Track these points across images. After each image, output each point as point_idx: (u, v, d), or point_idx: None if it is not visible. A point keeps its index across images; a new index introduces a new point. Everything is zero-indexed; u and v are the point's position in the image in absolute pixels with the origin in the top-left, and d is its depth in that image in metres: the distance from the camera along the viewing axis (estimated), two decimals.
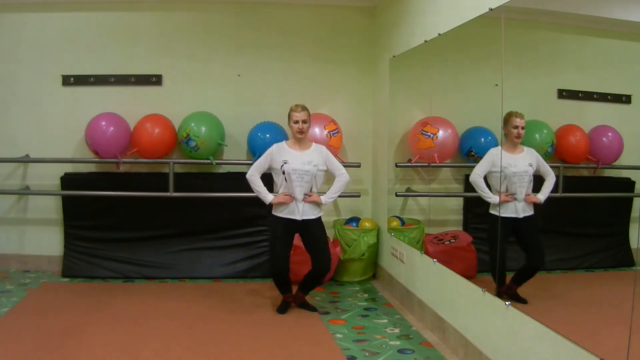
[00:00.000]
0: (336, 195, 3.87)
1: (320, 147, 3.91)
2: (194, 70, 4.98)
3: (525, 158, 2.97)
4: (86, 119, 4.63)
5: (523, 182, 2.97)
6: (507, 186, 3.00)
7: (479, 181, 3.18)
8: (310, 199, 3.77)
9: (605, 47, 2.72)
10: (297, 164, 3.74)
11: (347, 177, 3.88)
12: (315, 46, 5.08)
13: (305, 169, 3.74)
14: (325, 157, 3.85)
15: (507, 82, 2.80)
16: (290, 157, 3.76)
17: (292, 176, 3.73)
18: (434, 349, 3.36)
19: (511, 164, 2.96)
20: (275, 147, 3.84)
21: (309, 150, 3.83)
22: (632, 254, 2.54)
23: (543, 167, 2.95)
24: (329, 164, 3.86)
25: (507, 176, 2.97)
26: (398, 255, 4.35)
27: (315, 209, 3.84)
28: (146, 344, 3.31)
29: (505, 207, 3.01)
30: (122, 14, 4.91)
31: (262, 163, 3.83)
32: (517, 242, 3.06)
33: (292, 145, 3.84)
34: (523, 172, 2.96)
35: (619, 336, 2.00)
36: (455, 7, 3.37)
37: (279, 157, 3.77)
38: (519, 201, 2.98)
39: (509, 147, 3.00)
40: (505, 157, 2.95)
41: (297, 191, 3.75)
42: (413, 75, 4.39)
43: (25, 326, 3.56)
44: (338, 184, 3.87)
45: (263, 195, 3.82)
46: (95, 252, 4.83)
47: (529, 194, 2.97)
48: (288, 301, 3.99)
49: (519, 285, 2.89)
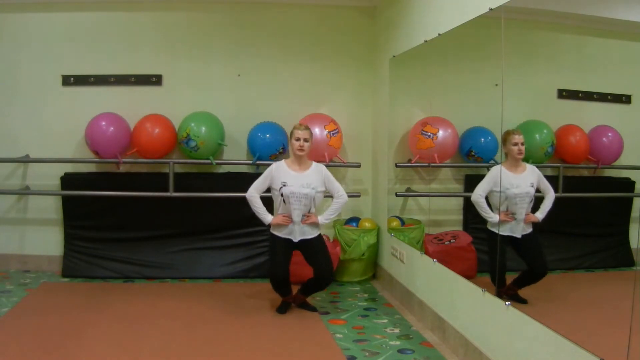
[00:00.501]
0: (333, 216, 3.89)
1: (320, 166, 3.90)
2: (194, 70, 4.98)
3: (527, 178, 2.96)
4: (86, 119, 4.63)
5: (524, 204, 2.96)
6: (508, 206, 2.99)
7: (480, 201, 3.18)
8: (308, 221, 3.78)
9: (605, 47, 2.72)
10: (296, 186, 3.74)
11: (346, 198, 3.89)
12: (315, 46, 5.08)
13: (304, 193, 3.74)
14: (324, 177, 3.85)
15: (507, 82, 2.80)
16: (289, 179, 3.76)
17: (290, 199, 3.74)
18: (434, 349, 3.36)
19: (513, 184, 2.95)
20: (274, 166, 3.84)
21: (308, 171, 3.82)
22: (632, 254, 2.54)
23: (544, 185, 2.94)
24: (328, 185, 3.86)
25: (508, 197, 2.96)
26: (398, 255, 4.35)
27: (314, 228, 3.86)
28: (146, 344, 3.31)
29: (504, 226, 3.00)
30: (122, 14, 4.91)
31: (261, 183, 3.85)
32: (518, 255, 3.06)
33: (291, 164, 3.83)
34: (524, 194, 2.95)
35: (619, 336, 2.00)
36: (455, 7, 3.37)
37: (278, 178, 3.78)
38: (518, 222, 2.97)
39: (510, 166, 2.99)
40: (507, 177, 2.95)
41: (295, 214, 3.76)
42: (413, 75, 4.39)
43: (25, 326, 3.56)
44: (336, 205, 3.88)
45: (262, 216, 3.84)
46: (95, 252, 4.83)
47: (529, 214, 2.96)
48: (288, 301, 3.99)
49: (519, 288, 2.89)
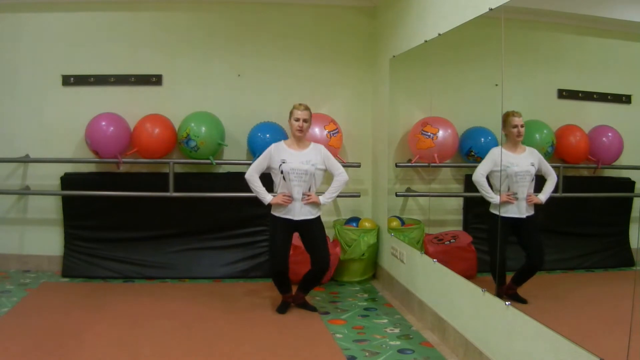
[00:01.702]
0: (335, 195, 3.87)
1: (319, 146, 3.91)
2: (194, 70, 4.98)
3: (528, 157, 2.97)
4: (86, 119, 4.63)
5: (525, 182, 2.96)
6: (509, 185, 3.00)
7: (481, 180, 3.18)
8: (309, 200, 3.77)
9: (605, 47, 2.72)
10: (296, 163, 3.74)
11: (346, 176, 3.87)
12: (315, 46, 5.08)
13: (304, 169, 3.74)
14: (323, 156, 3.84)
15: (507, 82, 2.80)
16: (288, 157, 3.76)
17: (290, 175, 3.73)
18: (434, 349, 3.36)
19: (513, 163, 2.96)
20: (273, 146, 3.84)
21: (308, 149, 3.83)
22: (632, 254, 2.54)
23: (545, 167, 2.94)
24: (327, 163, 3.85)
25: (509, 175, 2.97)
26: (398, 255, 4.35)
27: (314, 208, 3.84)
28: (146, 344, 3.31)
29: (505, 207, 3.01)
30: (122, 14, 4.91)
31: (260, 163, 3.83)
32: (518, 241, 3.06)
33: (291, 144, 3.84)
34: (525, 172, 2.95)
35: (619, 336, 2.00)
36: (455, 7, 3.37)
37: (277, 157, 3.77)
38: (520, 201, 2.98)
39: (510, 147, 3.00)
40: (507, 157, 2.95)
41: (296, 191, 3.75)
42: (413, 75, 4.39)
43: (25, 326, 3.56)
44: (337, 183, 3.86)
45: (262, 196, 3.83)
46: (95, 252, 4.83)
47: (531, 195, 2.97)
48: (288, 301, 3.99)
49: (519, 286, 2.89)
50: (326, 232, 3.98)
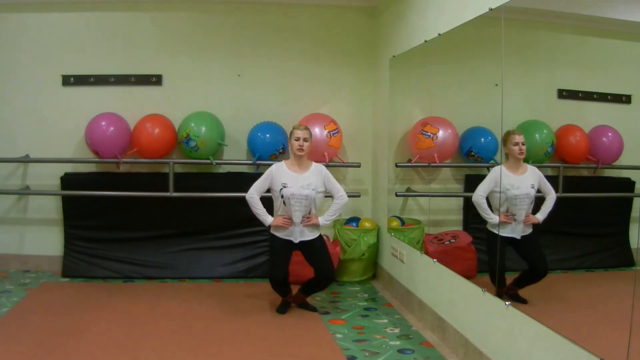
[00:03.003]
0: (334, 217, 3.88)
1: (320, 167, 3.89)
2: (194, 70, 4.98)
3: (528, 179, 2.96)
4: (86, 119, 4.63)
5: (524, 205, 2.96)
6: (508, 207, 2.99)
7: (481, 202, 3.17)
8: (308, 223, 3.77)
9: (605, 47, 2.72)
10: (296, 188, 3.73)
11: (346, 198, 3.88)
12: (315, 46, 5.08)
13: (304, 194, 3.73)
14: (324, 177, 3.84)
15: (507, 82, 2.80)
16: (289, 180, 3.75)
17: (290, 200, 3.73)
18: (434, 349, 3.36)
19: (514, 185, 2.95)
20: (274, 167, 3.83)
21: (308, 172, 3.81)
22: (632, 254, 2.54)
23: (545, 186, 2.94)
24: (328, 185, 3.85)
25: (509, 198, 2.96)
26: (398, 255, 4.35)
27: (314, 229, 3.85)
28: (146, 344, 3.31)
29: (504, 227, 3.00)
30: (122, 14, 4.91)
31: (261, 184, 3.83)
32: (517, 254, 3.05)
33: (291, 165, 3.82)
34: (525, 195, 2.95)
35: (619, 336, 2.00)
36: (455, 7, 3.37)
37: (278, 179, 3.77)
38: (518, 222, 2.97)
39: (511, 166, 2.99)
40: (508, 178, 2.94)
41: (296, 215, 3.75)
42: (413, 75, 4.39)
43: (25, 326, 3.56)
44: (336, 206, 3.87)
45: (262, 218, 3.83)
46: (95, 252, 4.83)
47: (529, 215, 2.96)
48: (288, 301, 3.99)
49: (520, 288, 2.89)
50: (326, 232, 3.97)
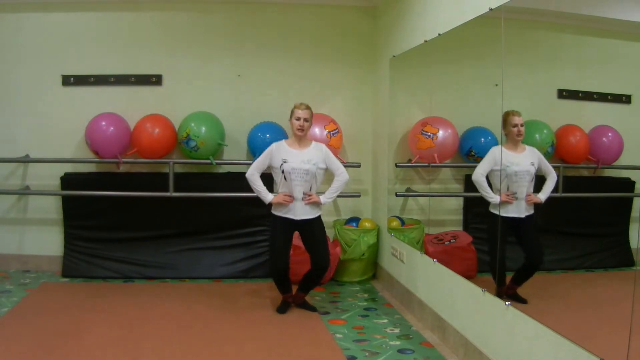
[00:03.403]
0: (335, 194, 3.87)
1: (320, 145, 3.90)
2: (194, 70, 4.98)
3: (528, 157, 2.97)
4: (86, 119, 4.63)
5: (524, 182, 2.96)
6: (508, 185, 3.00)
7: (481, 180, 3.17)
8: (309, 200, 3.77)
9: (605, 47, 2.72)
10: (297, 162, 3.73)
11: (347, 176, 3.87)
12: (315, 46, 5.08)
13: (305, 168, 3.73)
14: (325, 155, 3.84)
15: (507, 82, 2.80)
16: (289, 156, 3.75)
17: (291, 175, 3.73)
18: (434, 349, 3.36)
19: (513, 162, 2.96)
20: (274, 145, 3.83)
21: (309, 148, 3.82)
22: (632, 254, 2.54)
23: (545, 166, 2.94)
24: (328, 163, 3.85)
25: (509, 175, 2.97)
26: (398, 255, 4.35)
27: (315, 208, 3.84)
28: (146, 344, 3.31)
29: (505, 207, 3.01)
30: (122, 14, 4.91)
31: (261, 162, 3.83)
32: (517, 241, 3.06)
33: (292, 143, 3.83)
34: (525, 172, 2.95)
35: (619, 336, 2.00)
36: (455, 7, 3.37)
37: (278, 156, 3.77)
38: (519, 200, 2.98)
39: (510, 146, 3.00)
40: (507, 156, 2.95)
41: (297, 190, 3.74)
42: (413, 75, 4.39)
43: (25, 326, 3.56)
44: (337, 183, 3.86)
45: (263, 195, 3.82)
46: (95, 252, 4.83)
47: (530, 194, 2.97)
48: (288, 301, 3.99)
49: (519, 285, 2.89)
50: (326, 232, 3.98)
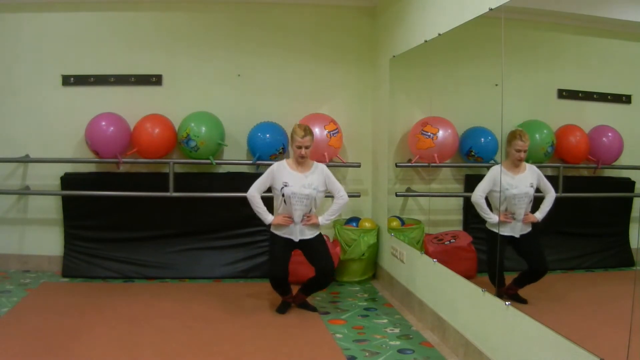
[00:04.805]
0: (334, 217, 3.90)
1: (321, 166, 3.89)
2: (194, 70, 4.98)
3: (527, 178, 2.96)
4: (86, 119, 4.63)
5: (522, 204, 2.96)
6: (507, 207, 2.99)
7: (480, 202, 3.18)
8: (308, 222, 3.79)
9: (605, 47, 2.72)
10: (297, 187, 3.74)
11: (346, 198, 3.89)
12: (315, 46, 5.08)
13: (305, 193, 3.74)
14: (325, 177, 3.85)
15: (507, 82, 2.80)
16: (290, 179, 3.76)
17: (292, 199, 3.74)
18: (434, 349, 3.36)
19: (512, 185, 2.95)
20: (276, 166, 3.84)
21: (309, 171, 3.82)
22: (632, 254, 2.54)
23: (544, 185, 2.94)
24: (329, 184, 3.87)
25: (507, 198, 2.97)
26: (398, 255, 4.35)
27: (314, 228, 3.86)
28: (146, 344, 3.31)
29: (503, 226, 3.00)
30: (122, 14, 4.91)
31: (262, 182, 3.84)
32: (517, 254, 3.06)
33: (293, 164, 3.83)
34: (523, 194, 2.95)
35: (619, 336, 2.00)
36: (455, 7, 3.37)
37: (279, 178, 3.78)
38: (517, 221, 2.97)
39: (510, 166, 2.99)
40: (506, 178, 2.95)
41: (297, 214, 3.77)
42: (413, 75, 4.39)
43: (25, 326, 3.56)
44: (336, 205, 3.88)
45: (263, 216, 3.85)
46: (95, 252, 4.83)
47: (527, 214, 2.96)
48: (288, 301, 4.00)
49: (520, 287, 2.89)
50: (326, 232, 3.98)
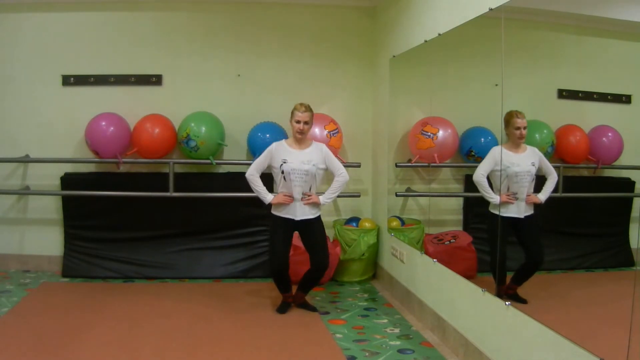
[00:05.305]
0: (335, 194, 3.87)
1: (320, 145, 3.90)
2: (194, 70, 4.98)
3: (529, 157, 2.97)
4: (86, 119, 4.63)
5: (525, 182, 2.97)
6: (509, 185, 3.00)
7: (482, 181, 3.17)
8: (309, 200, 3.77)
9: (605, 47, 2.72)
10: (297, 163, 3.74)
11: (347, 176, 3.87)
12: (315, 46, 5.08)
13: (305, 169, 3.74)
14: (325, 155, 3.84)
15: (507, 82, 2.80)
16: (289, 156, 3.76)
17: (291, 176, 3.73)
18: (434, 349, 3.36)
19: (514, 163, 2.96)
20: (274, 145, 3.83)
21: (309, 149, 3.82)
22: (632, 254, 2.54)
23: (545, 166, 2.94)
24: (328, 163, 3.85)
25: (509, 175, 2.97)
26: (398, 255, 4.35)
27: (314, 208, 3.84)
28: (146, 344, 3.31)
29: (505, 207, 3.01)
30: (122, 14, 4.91)
31: (261, 162, 3.83)
32: (517, 240, 3.06)
33: (292, 144, 3.84)
34: (525, 172, 2.96)
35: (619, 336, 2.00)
36: (455, 7, 3.37)
37: (278, 156, 3.77)
38: (519, 201, 2.98)
39: (511, 146, 3.00)
40: (508, 156, 2.95)
41: (296, 191, 3.75)
42: (413, 75, 4.39)
43: (25, 326, 3.56)
44: (337, 183, 3.86)
45: (263, 195, 3.83)
46: (95, 252, 4.83)
47: (530, 194, 2.97)
48: (288, 301, 3.99)
49: (519, 285, 2.89)
50: (326, 232, 3.98)
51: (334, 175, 3.88)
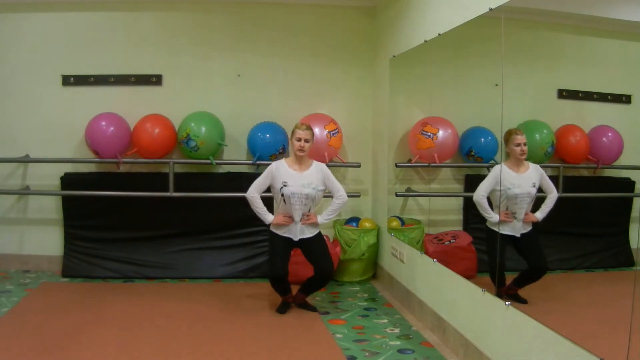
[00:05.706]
0: (333, 216, 3.90)
1: (320, 165, 3.89)
2: (194, 70, 4.98)
3: (530, 177, 2.95)
4: (86, 119, 4.63)
5: (524, 204, 2.96)
6: (508, 206, 2.99)
7: (482, 201, 3.16)
8: (307, 221, 3.79)
9: (605, 47, 2.72)
10: (297, 187, 3.74)
11: (345, 197, 3.89)
12: (315, 46, 5.09)
13: (305, 193, 3.75)
14: (324, 175, 3.85)
15: (507, 82, 2.80)
16: (289, 179, 3.76)
17: (291, 199, 3.75)
18: (434, 349, 3.36)
19: (515, 184, 2.94)
20: (274, 165, 3.84)
21: (309, 170, 3.82)
22: (632, 254, 2.54)
23: (546, 184, 2.93)
24: (328, 184, 3.86)
25: (509, 197, 2.96)
26: (398, 255, 4.35)
27: (313, 227, 3.87)
28: (146, 344, 3.31)
29: (503, 225, 3.00)
30: (122, 14, 4.91)
31: (262, 183, 3.84)
32: (517, 252, 3.05)
33: (292, 164, 3.83)
34: (525, 194, 2.94)
35: (619, 336, 2.00)
36: (455, 7, 3.37)
37: (279, 178, 3.78)
38: (517, 221, 2.97)
39: (513, 165, 2.98)
40: (509, 177, 2.94)
41: (296, 213, 3.78)
42: (413, 75, 4.39)
43: (25, 326, 3.56)
44: (335, 205, 3.88)
45: (263, 217, 3.86)
46: (95, 252, 4.83)
47: (528, 214, 2.96)
48: (288, 301, 4.00)
49: (520, 287, 2.89)
50: (326, 232, 3.98)
51: (332, 195, 3.90)
